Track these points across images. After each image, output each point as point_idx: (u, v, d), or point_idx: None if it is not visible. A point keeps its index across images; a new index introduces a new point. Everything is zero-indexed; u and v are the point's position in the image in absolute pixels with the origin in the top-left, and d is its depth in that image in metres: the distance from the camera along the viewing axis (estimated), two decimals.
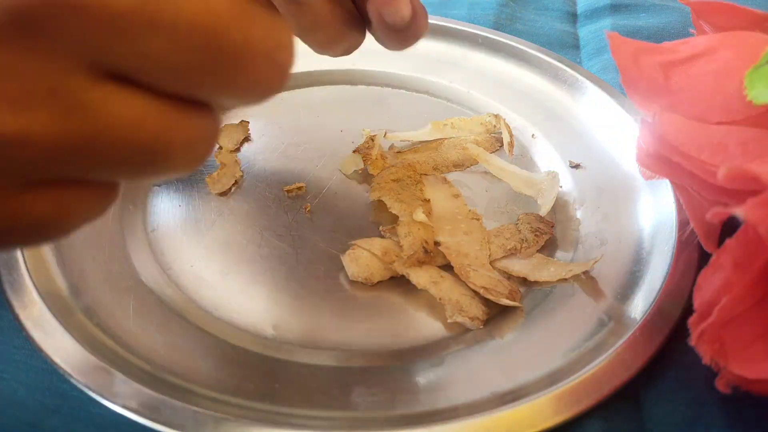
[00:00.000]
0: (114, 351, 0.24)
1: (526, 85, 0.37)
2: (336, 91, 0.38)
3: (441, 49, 0.39)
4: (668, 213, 0.29)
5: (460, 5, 0.45)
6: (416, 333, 0.26)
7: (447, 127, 0.35)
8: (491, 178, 0.33)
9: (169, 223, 0.30)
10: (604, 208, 0.31)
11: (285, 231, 0.30)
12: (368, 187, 0.32)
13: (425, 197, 0.30)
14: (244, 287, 0.27)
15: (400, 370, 0.25)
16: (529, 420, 0.22)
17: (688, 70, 0.28)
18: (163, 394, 0.22)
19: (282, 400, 0.23)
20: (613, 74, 0.37)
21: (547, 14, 0.46)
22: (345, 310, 0.27)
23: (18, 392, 0.23)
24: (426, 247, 0.28)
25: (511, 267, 0.28)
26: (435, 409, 0.23)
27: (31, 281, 0.25)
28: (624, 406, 0.23)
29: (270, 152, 0.34)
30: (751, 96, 0.25)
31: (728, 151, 0.23)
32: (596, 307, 0.26)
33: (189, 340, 0.25)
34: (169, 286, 0.27)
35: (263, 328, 0.26)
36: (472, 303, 0.26)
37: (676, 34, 0.42)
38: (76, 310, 0.25)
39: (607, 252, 0.28)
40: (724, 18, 0.30)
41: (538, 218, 0.30)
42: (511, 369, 0.24)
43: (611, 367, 0.23)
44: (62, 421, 0.22)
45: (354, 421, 0.22)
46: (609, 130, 0.34)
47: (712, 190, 0.23)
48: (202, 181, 0.32)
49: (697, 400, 0.24)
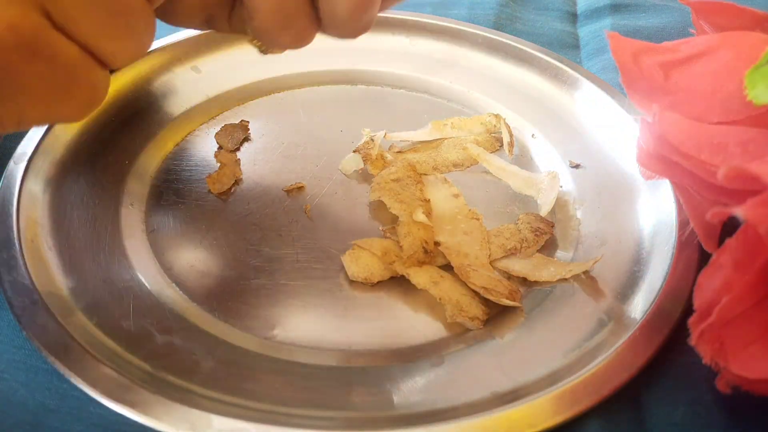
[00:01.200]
0: (114, 351, 0.24)
1: (526, 85, 0.37)
2: (336, 91, 0.38)
3: (441, 49, 0.39)
4: (668, 213, 0.29)
5: (460, 5, 0.45)
6: (416, 333, 0.26)
7: (447, 127, 0.35)
8: (491, 178, 0.33)
9: (169, 223, 0.30)
10: (604, 208, 0.31)
11: (285, 231, 0.30)
12: (368, 187, 0.32)
13: (425, 197, 0.30)
14: (244, 287, 0.27)
15: (400, 370, 0.25)
16: (529, 420, 0.22)
17: (688, 70, 0.28)
18: (162, 394, 0.22)
19: (282, 400, 0.23)
20: (613, 74, 0.37)
21: (547, 14, 0.46)
22: (345, 310, 0.27)
23: (18, 392, 0.23)
24: (426, 248, 0.28)
25: (511, 267, 0.28)
26: (435, 409, 0.23)
27: (31, 281, 0.25)
28: (624, 406, 0.23)
29: (270, 152, 0.34)
30: (751, 96, 0.25)
31: (728, 151, 0.23)
32: (596, 307, 0.26)
33: (189, 340, 0.25)
34: (169, 286, 0.27)
35: (263, 328, 0.26)
36: (472, 303, 0.26)
37: (676, 34, 0.42)
38: (76, 310, 0.25)
39: (607, 252, 0.28)
40: (724, 18, 0.30)
41: (538, 218, 0.30)
42: (511, 369, 0.24)
43: (611, 367, 0.23)
44: (62, 421, 0.22)
45: (354, 421, 0.22)
46: (609, 130, 0.34)
47: (712, 190, 0.23)
48: (202, 181, 0.32)
49: (697, 400, 0.24)
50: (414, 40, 0.40)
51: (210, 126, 0.35)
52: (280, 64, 0.37)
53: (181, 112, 0.35)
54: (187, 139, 0.34)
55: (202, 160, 0.33)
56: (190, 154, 0.33)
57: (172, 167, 0.32)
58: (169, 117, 0.35)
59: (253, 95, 0.37)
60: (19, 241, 0.26)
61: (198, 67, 0.36)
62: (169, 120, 0.34)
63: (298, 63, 0.38)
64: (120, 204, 0.30)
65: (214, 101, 0.36)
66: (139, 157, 0.32)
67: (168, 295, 0.27)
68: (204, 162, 0.33)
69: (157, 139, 0.33)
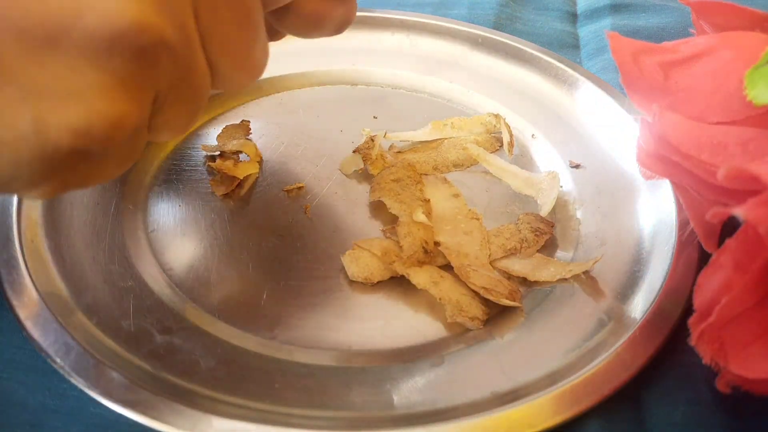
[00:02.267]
0: (114, 351, 0.24)
1: (526, 85, 0.37)
2: (336, 91, 0.38)
3: (441, 49, 0.39)
4: (668, 213, 0.29)
5: (460, 5, 0.45)
6: (416, 333, 0.26)
7: (447, 127, 0.35)
8: (491, 178, 0.33)
9: (169, 223, 0.30)
10: (604, 208, 0.31)
11: (285, 231, 0.30)
12: (368, 187, 0.32)
13: (425, 197, 0.30)
14: (244, 287, 0.27)
15: (400, 370, 0.25)
16: (529, 420, 0.22)
17: (688, 70, 0.28)
18: (163, 394, 0.22)
19: (282, 400, 0.23)
20: (613, 74, 0.37)
21: (547, 14, 0.46)
22: (345, 310, 0.27)
23: (18, 392, 0.23)
24: (426, 248, 0.28)
25: (511, 267, 0.28)
26: (435, 409, 0.23)
27: (31, 281, 0.25)
28: (624, 406, 0.23)
29: (270, 152, 0.34)
30: (751, 96, 0.25)
31: (728, 151, 0.23)
32: (596, 307, 0.26)
33: (189, 340, 0.25)
34: (169, 286, 0.27)
35: (263, 328, 0.26)
36: (471, 303, 0.26)
37: (676, 34, 0.42)
38: (76, 310, 0.25)
39: (607, 252, 0.28)
40: (724, 18, 0.30)
41: (538, 218, 0.30)
42: (511, 369, 0.24)
43: (611, 367, 0.23)
44: (62, 421, 0.22)
45: (354, 421, 0.22)
46: (609, 130, 0.34)
47: (712, 190, 0.23)
48: (202, 181, 0.32)
49: (697, 400, 0.24)
50: (414, 40, 0.40)
51: (210, 126, 0.35)
52: (280, 64, 0.37)
53: None
54: (187, 139, 0.34)
55: (202, 160, 0.33)
56: (190, 154, 0.33)
57: (172, 167, 0.32)
58: None
59: (253, 95, 0.37)
60: (19, 241, 0.26)
61: None
62: None
63: (298, 63, 0.38)
64: (120, 204, 0.30)
65: (214, 101, 0.36)
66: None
67: (168, 295, 0.27)
68: (204, 161, 0.33)
69: None
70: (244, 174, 0.32)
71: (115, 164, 0.21)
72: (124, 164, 0.21)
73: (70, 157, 0.18)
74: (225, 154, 0.32)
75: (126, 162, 0.21)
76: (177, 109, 0.21)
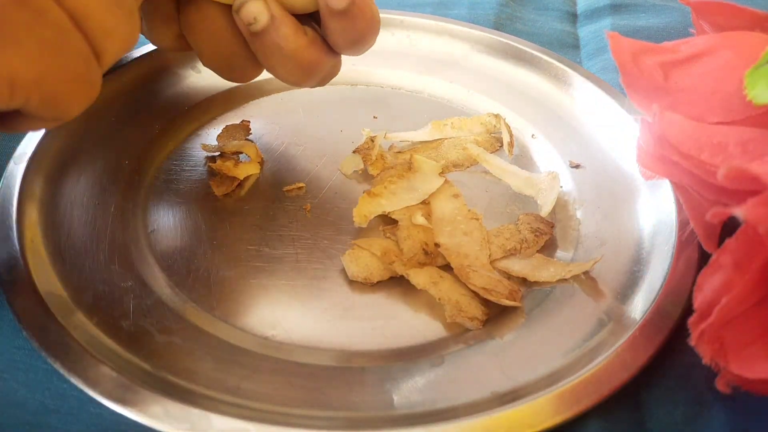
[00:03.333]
0: (114, 351, 0.24)
1: (526, 85, 0.37)
2: (336, 91, 0.38)
3: (441, 49, 0.39)
4: (668, 213, 0.29)
5: (460, 5, 0.45)
6: (416, 333, 0.26)
7: (447, 127, 0.35)
8: (491, 178, 0.33)
9: (169, 223, 0.30)
10: (604, 208, 0.31)
11: (285, 231, 0.30)
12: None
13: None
14: (244, 287, 0.27)
15: (400, 370, 0.25)
16: (529, 420, 0.22)
17: (688, 70, 0.28)
18: (162, 394, 0.22)
19: (282, 400, 0.23)
20: (613, 74, 0.37)
21: (547, 14, 0.46)
22: (345, 310, 0.27)
23: (18, 392, 0.23)
24: (426, 249, 0.28)
25: (511, 267, 0.28)
26: (435, 409, 0.23)
27: (31, 281, 0.25)
28: (624, 406, 0.23)
29: (270, 152, 0.34)
30: (751, 96, 0.25)
31: (728, 151, 0.23)
32: (596, 307, 0.26)
33: (189, 340, 0.25)
34: (169, 286, 0.27)
35: (263, 328, 0.26)
36: (471, 303, 0.26)
37: (676, 34, 0.42)
38: (76, 310, 0.25)
39: (607, 252, 0.28)
40: (724, 18, 0.30)
41: (538, 218, 0.30)
42: (511, 369, 0.24)
43: (611, 367, 0.23)
44: (62, 421, 0.22)
45: (354, 421, 0.22)
46: (609, 130, 0.34)
47: (712, 190, 0.23)
48: (202, 181, 0.32)
49: (697, 400, 0.24)
50: (414, 40, 0.40)
51: (210, 126, 0.35)
52: None
53: (181, 112, 0.35)
54: (187, 139, 0.34)
55: (202, 160, 0.33)
56: (190, 154, 0.33)
57: (172, 167, 0.32)
58: (169, 117, 0.35)
59: (253, 95, 0.37)
60: (19, 241, 0.26)
61: (198, 67, 0.36)
62: (169, 120, 0.34)
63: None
64: (120, 204, 0.30)
65: (215, 101, 0.36)
66: (139, 157, 0.32)
67: (168, 295, 0.27)
68: (204, 162, 0.33)
69: (157, 139, 0.33)
70: (245, 175, 0.32)
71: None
72: (60, 59, 0.21)
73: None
74: (225, 155, 0.32)
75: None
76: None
